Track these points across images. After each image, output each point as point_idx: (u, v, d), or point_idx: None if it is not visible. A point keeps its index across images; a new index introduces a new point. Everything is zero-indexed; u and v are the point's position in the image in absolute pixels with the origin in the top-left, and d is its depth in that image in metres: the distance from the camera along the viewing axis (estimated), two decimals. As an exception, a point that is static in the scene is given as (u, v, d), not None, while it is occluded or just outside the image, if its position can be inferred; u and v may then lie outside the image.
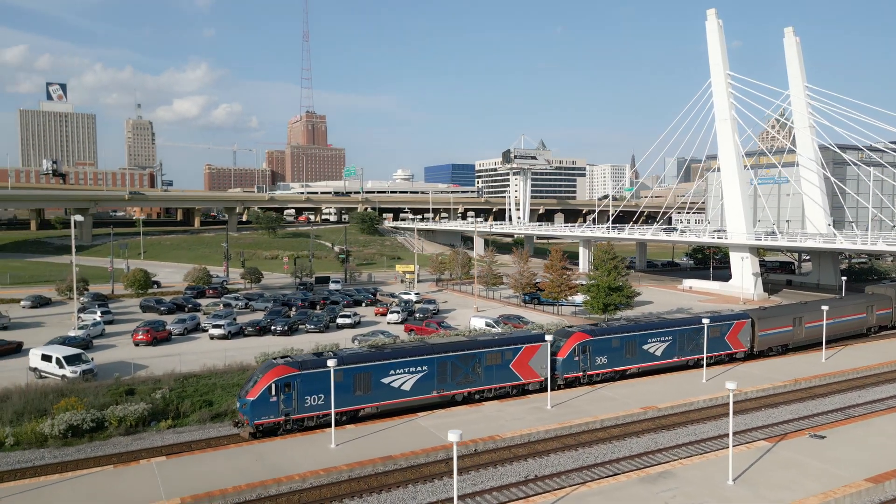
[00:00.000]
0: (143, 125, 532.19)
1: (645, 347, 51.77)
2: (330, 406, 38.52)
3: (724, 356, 56.39)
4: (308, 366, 39.09)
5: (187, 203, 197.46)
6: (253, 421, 37.55)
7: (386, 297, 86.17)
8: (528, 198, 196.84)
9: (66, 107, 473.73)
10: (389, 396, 41.37)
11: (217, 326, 62.19)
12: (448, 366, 43.43)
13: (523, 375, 46.41)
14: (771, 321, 59.57)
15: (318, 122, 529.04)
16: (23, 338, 60.36)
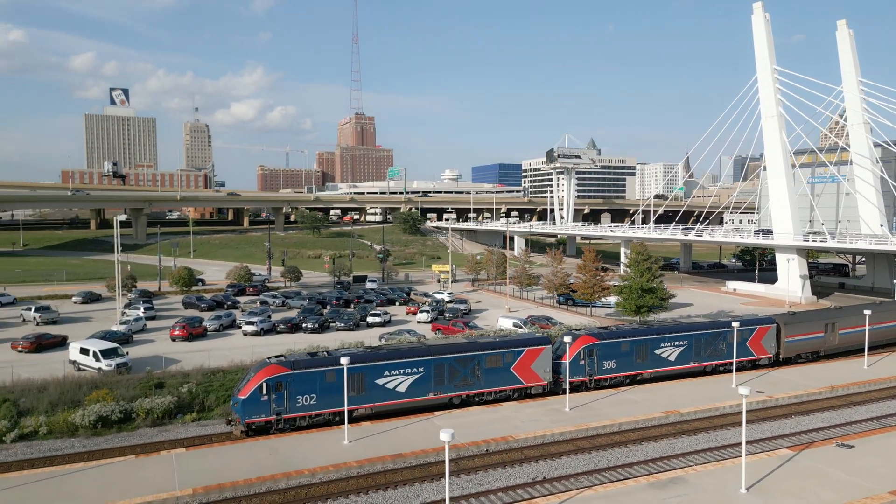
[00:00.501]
0: (200, 128, 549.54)
1: (657, 352, 50.11)
2: (322, 406, 39.37)
3: (746, 363, 53.80)
4: (300, 366, 39.21)
5: (236, 203, 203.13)
6: (244, 419, 37.92)
7: (419, 297, 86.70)
8: (571, 197, 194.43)
9: (128, 111, 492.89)
10: (384, 398, 41.06)
11: (250, 323, 63.89)
12: (445, 368, 42.85)
13: (525, 379, 45.51)
14: (799, 327, 56.69)
15: (366, 124, 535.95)
16: (70, 332, 63.32)
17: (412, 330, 61.73)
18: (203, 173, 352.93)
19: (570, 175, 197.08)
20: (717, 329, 53.02)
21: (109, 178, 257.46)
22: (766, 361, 55.08)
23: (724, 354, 52.61)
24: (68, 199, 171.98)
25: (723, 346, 52.46)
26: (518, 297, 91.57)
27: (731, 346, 51.97)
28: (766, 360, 55.10)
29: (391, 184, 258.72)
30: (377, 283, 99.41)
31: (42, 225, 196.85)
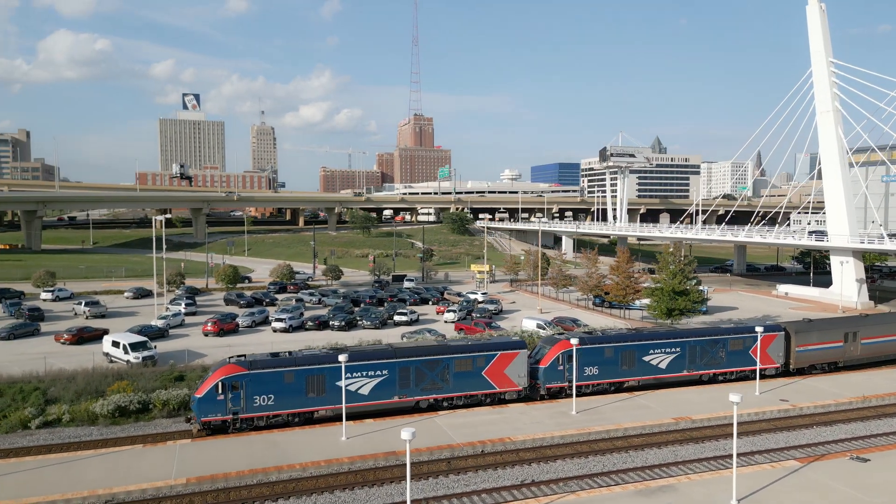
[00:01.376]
0: (265, 131, 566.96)
1: (646, 359, 47.66)
2: (280, 407, 39.48)
3: (749, 372, 50.54)
4: (258, 366, 39.31)
5: (290, 203, 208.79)
6: (200, 418, 38.22)
7: (453, 297, 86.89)
8: (625, 197, 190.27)
9: (199, 115, 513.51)
10: (347, 399, 39.95)
11: (279, 320, 65.69)
12: (411, 371, 41.98)
13: (498, 384, 44.22)
14: (813, 335, 52.85)
15: (425, 124, 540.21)
16: (115, 326, 66.74)
17: (433, 329, 61.99)
18: (266, 174, 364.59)
19: (624, 174, 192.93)
20: (714, 336, 50.29)
21: (177, 179, 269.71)
22: (772, 371, 51.70)
23: (724, 363, 49.91)
24: (134, 199, 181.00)
25: (722, 353, 49.93)
26: (553, 299, 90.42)
27: (731, 355, 49.56)
28: (773, 371, 51.75)
29: (441, 184, 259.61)
30: (415, 282, 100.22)
31: (113, 224, 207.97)
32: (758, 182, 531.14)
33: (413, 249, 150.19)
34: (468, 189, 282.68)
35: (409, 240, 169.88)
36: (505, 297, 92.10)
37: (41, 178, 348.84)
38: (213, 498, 30.94)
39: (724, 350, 49.89)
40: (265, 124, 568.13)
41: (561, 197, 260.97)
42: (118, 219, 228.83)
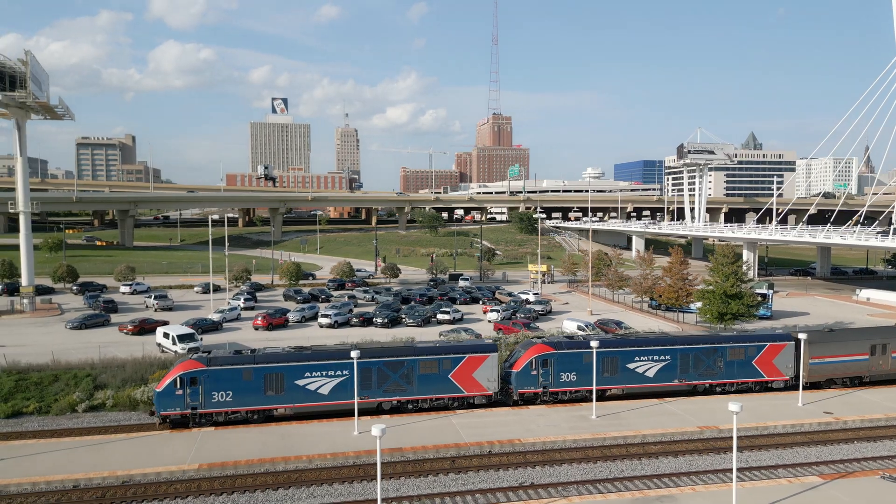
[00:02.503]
0: (349, 133, 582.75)
1: (631, 366, 45.22)
2: (238, 404, 39.99)
3: (752, 384, 47.67)
4: (216, 363, 40.05)
5: (362, 203, 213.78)
6: (158, 411, 39.28)
7: (503, 296, 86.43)
8: (703, 196, 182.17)
9: (286, 119, 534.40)
10: (304, 399, 40.70)
11: (325, 316, 67.70)
12: (373, 372, 41.54)
13: (466, 387, 43.19)
14: (831, 346, 48.32)
15: (503, 123, 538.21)
16: (177, 318, 70.95)
17: (470, 329, 62.02)
18: (344, 175, 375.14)
19: (703, 172, 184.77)
20: (709, 344, 47.14)
21: (261, 179, 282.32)
22: (780, 384, 48.11)
23: (721, 373, 46.93)
24: (217, 199, 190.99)
25: (719, 363, 46.79)
26: (608, 300, 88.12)
27: (731, 365, 46.65)
28: (782, 383, 48.10)
29: (519, 183, 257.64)
30: (470, 281, 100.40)
31: (201, 223, 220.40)
32: (864, 179, 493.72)
33: (475, 248, 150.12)
34: (543, 188, 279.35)
35: (476, 239, 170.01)
36: (559, 298, 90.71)
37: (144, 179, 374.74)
38: (219, 484, 32.52)
39: (722, 359, 46.71)
40: (349, 126, 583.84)
41: (636, 196, 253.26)
42: (205, 217, 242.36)
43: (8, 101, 70.83)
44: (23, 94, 70.71)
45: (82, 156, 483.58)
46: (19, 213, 77.70)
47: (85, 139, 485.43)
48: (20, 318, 74.10)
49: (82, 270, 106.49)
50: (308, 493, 31.85)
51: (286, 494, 31.63)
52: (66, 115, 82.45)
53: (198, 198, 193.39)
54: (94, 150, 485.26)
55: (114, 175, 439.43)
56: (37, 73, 74.27)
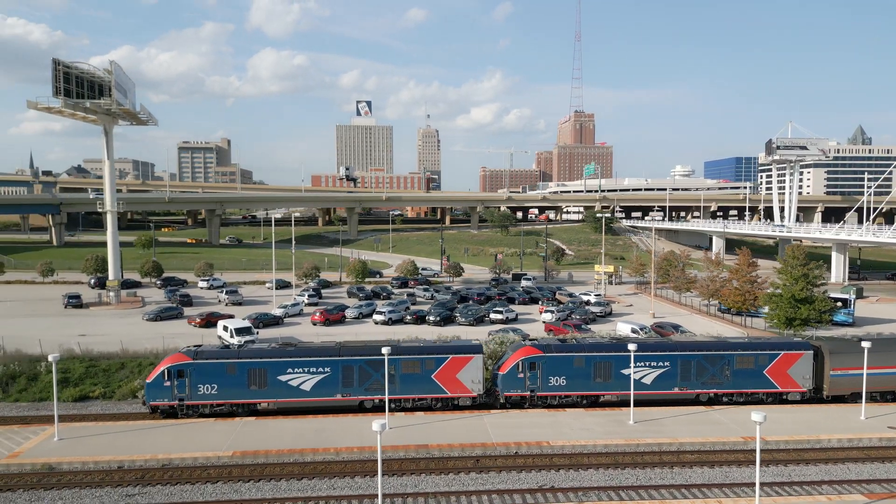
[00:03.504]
0: (430, 133, 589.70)
1: (625, 372, 42.83)
2: (223, 397, 41.07)
3: (763, 395, 44.68)
4: (203, 356, 41.51)
5: (435, 202, 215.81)
6: (148, 402, 41.13)
7: (563, 297, 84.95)
8: (793, 194, 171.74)
9: (370, 121, 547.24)
10: (287, 394, 41.43)
11: (380, 313, 69.07)
12: (354, 370, 41.84)
13: (449, 388, 42.60)
14: (855, 357, 43.82)
15: (585, 121, 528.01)
16: (244, 312, 74.33)
17: (519, 329, 61.39)
18: (421, 175, 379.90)
19: (793, 169, 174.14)
20: (714, 351, 44.37)
21: (343, 180, 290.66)
22: (797, 396, 44.89)
23: (728, 383, 44.12)
24: (298, 199, 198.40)
25: (726, 372, 44.02)
26: (674, 303, 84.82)
27: (739, 374, 43.92)
28: (798, 395, 44.87)
29: (597, 182, 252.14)
30: (533, 281, 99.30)
31: (286, 222, 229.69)
32: None
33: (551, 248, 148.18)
34: (624, 186, 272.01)
35: (550, 239, 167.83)
36: (622, 300, 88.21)
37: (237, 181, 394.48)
38: (249, 471, 33.94)
39: (729, 368, 44.01)
40: (430, 127, 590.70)
41: (721, 194, 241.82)
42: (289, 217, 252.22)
43: (95, 107, 76.63)
44: (108, 101, 76.28)
45: (183, 159, 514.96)
46: (106, 212, 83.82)
47: (186, 143, 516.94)
48: (106, 309, 79.97)
49: (169, 266, 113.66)
50: (329, 484, 32.71)
51: (308, 485, 32.61)
52: (150, 120, 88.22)
53: (279, 198, 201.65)
54: (193, 153, 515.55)
55: (210, 177, 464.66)
56: (122, 82, 79.92)
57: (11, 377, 48.04)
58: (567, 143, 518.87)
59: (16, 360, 49.98)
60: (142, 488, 32.09)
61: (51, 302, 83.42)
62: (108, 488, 32.05)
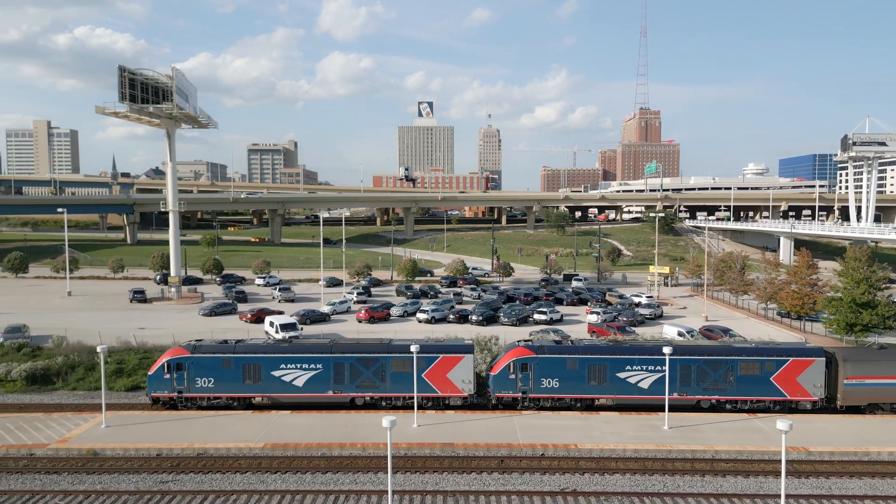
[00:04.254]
0: (491, 133, 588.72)
1: (621, 376, 41.91)
2: (219, 391, 42.48)
3: (770, 403, 42.57)
4: (200, 350, 43.00)
5: (491, 202, 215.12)
6: (149, 393, 43.02)
7: (613, 298, 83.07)
8: (872, 192, 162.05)
9: (431, 122, 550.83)
10: (280, 389, 42.45)
11: (423, 312, 69.51)
12: (346, 367, 42.47)
13: (440, 388, 42.54)
14: (875, 366, 41.61)
15: (651, 118, 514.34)
16: (294, 309, 76.30)
17: (560, 330, 60.49)
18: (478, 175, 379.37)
19: (872, 166, 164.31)
20: (717, 356, 42.57)
21: (402, 181, 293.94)
22: (808, 405, 42.62)
23: (731, 389, 42.26)
24: (356, 199, 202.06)
25: (729, 377, 42.22)
26: (731, 305, 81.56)
27: (743, 380, 41.99)
28: (809, 405, 42.60)
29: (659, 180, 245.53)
30: (584, 282, 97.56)
31: (347, 221, 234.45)
32: None
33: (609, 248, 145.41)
34: (690, 185, 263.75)
35: (607, 239, 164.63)
36: (676, 302, 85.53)
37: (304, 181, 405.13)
38: (277, 463, 34.90)
39: (733, 374, 42.11)
40: (491, 127, 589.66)
41: (791, 193, 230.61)
42: (353, 217, 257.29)
43: (157, 112, 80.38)
44: (169, 106, 79.85)
45: (252, 160, 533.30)
46: (168, 211, 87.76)
47: (255, 146, 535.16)
48: (167, 304, 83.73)
49: (230, 264, 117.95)
50: (352, 479, 33.25)
51: (332, 478, 33.24)
52: (209, 123, 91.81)
53: (337, 198, 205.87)
54: (262, 155, 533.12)
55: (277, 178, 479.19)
56: (183, 87, 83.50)
57: (71, 367, 50.99)
58: (631, 140, 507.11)
59: (76, 351, 53.00)
60: (175, 476, 33.52)
61: (118, 297, 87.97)
62: (145, 474, 33.64)
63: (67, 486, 32.40)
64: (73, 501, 30.50)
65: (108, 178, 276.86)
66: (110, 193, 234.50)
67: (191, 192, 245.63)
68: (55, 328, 62.60)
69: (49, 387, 49.23)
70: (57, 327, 63.22)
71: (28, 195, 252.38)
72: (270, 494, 31.30)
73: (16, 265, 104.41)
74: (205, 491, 31.64)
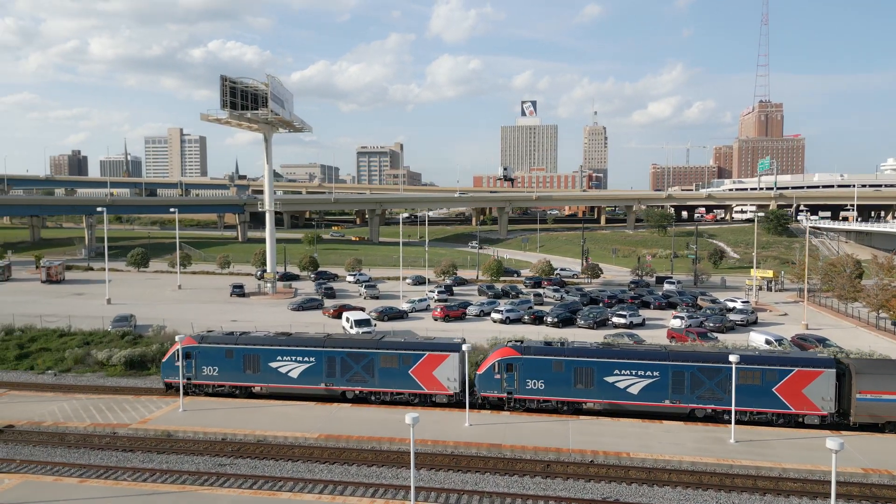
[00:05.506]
0: (597, 131, 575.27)
1: (609, 380, 40.79)
2: (223, 379, 45.35)
3: (772, 415, 39.68)
4: (206, 341, 46.27)
5: (588, 201, 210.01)
6: (163, 379, 46.80)
7: (705, 302, 78.54)
8: None
9: (534, 121, 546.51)
10: (277, 380, 44.64)
11: (498, 312, 69.15)
12: (336, 361, 43.98)
13: (426, 385, 43.18)
14: (890, 380, 37.95)
15: (772, 112, 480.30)
16: (378, 305, 78.44)
17: (635, 334, 58.03)
18: (586, 174, 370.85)
19: None
20: (712, 363, 40.05)
21: (500, 180, 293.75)
22: (815, 420, 39.31)
23: (729, 399, 38.83)
24: (450, 200, 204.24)
25: (726, 386, 39.19)
26: (838, 313, 74.70)
27: (742, 390, 39.03)
28: (818, 419, 39.28)
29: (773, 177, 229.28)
30: (677, 285, 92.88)
31: (444, 221, 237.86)
32: None
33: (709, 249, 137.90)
34: (813, 183, 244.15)
35: (712, 240, 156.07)
36: (776, 308, 79.62)
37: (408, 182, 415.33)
38: (328, 454, 36.08)
39: (729, 382, 38.90)
40: (597, 125, 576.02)
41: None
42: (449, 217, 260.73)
43: (253, 117, 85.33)
44: (265, 111, 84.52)
45: (361, 162, 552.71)
46: (265, 211, 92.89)
47: (363, 148, 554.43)
48: (262, 299, 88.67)
49: (328, 262, 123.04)
50: (394, 473, 33.82)
51: (376, 472, 33.98)
52: (304, 128, 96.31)
53: (432, 198, 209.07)
54: (370, 157, 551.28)
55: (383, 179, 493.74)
56: (279, 93, 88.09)
57: (163, 354, 55.25)
58: (749, 136, 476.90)
59: (170, 340, 57.38)
60: (234, 460, 35.56)
61: (221, 291, 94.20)
62: (207, 457, 35.93)
63: (138, 463, 35.25)
64: (139, 478, 33.13)
65: (226, 180, 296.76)
66: (228, 195, 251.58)
67: (300, 193, 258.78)
68: (158, 318, 68.25)
69: (144, 372, 53.60)
70: (159, 317, 68.93)
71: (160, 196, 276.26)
72: (314, 483, 32.45)
73: (138, 260, 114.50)
74: (256, 476, 33.31)
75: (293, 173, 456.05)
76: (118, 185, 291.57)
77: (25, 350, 58.05)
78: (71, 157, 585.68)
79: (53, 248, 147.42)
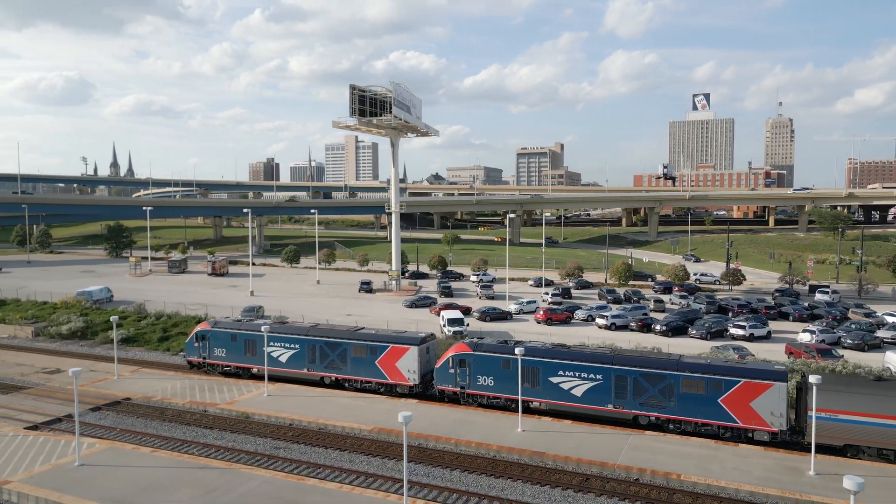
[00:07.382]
0: (782, 123, 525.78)
1: (553, 381, 41.26)
2: (229, 360, 51.64)
3: (717, 428, 37.56)
4: (218, 326, 52.77)
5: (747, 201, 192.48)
6: (187, 357, 54.09)
7: (857, 315, 68.27)
8: None
9: (707, 115, 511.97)
10: (270, 364, 48.64)
11: (602, 317, 65.98)
12: (316, 349, 48.62)
13: (390, 375, 46.27)
14: (851, 398, 34.19)
15: None
16: (490, 305, 78.59)
17: (743, 347, 52.20)
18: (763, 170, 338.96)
19: None
20: (654, 369, 38.91)
21: (660, 179, 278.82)
22: (765, 436, 36.39)
23: (672, 408, 38.37)
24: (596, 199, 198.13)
25: (670, 394, 38.32)
26: None
27: (686, 399, 37.90)
28: (767, 436, 36.33)
29: None
30: (832, 295, 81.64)
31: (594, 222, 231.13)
32: None
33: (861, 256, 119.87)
34: None
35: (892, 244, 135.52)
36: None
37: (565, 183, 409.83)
38: (376, 447, 37.32)
39: (674, 390, 38.19)
40: (782, 116, 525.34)
41: None
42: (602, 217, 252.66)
43: (378, 123, 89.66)
44: (388, 117, 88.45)
45: (520, 164, 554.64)
46: (392, 212, 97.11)
47: (523, 149, 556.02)
48: (386, 295, 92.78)
49: (461, 261, 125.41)
50: (426, 471, 34.05)
51: (410, 468, 34.27)
52: (429, 132, 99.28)
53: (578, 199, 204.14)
54: (529, 158, 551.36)
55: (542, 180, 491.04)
56: (403, 99, 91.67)
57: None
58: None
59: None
60: (289, 444, 38.02)
61: (353, 287, 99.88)
62: (269, 439, 38.79)
63: (210, 440, 38.96)
64: (203, 453, 36.66)
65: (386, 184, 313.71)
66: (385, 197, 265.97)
67: (452, 195, 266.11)
68: (286, 310, 74.14)
69: (253, 358, 58.79)
70: (288, 309, 74.83)
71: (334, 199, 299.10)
72: (347, 472, 33.72)
73: (290, 257, 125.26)
74: (302, 461, 35.35)
75: (458, 176, 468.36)
76: (297, 189, 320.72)
77: (168, 333, 66.31)
78: (266, 164, 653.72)
79: (230, 245, 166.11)
